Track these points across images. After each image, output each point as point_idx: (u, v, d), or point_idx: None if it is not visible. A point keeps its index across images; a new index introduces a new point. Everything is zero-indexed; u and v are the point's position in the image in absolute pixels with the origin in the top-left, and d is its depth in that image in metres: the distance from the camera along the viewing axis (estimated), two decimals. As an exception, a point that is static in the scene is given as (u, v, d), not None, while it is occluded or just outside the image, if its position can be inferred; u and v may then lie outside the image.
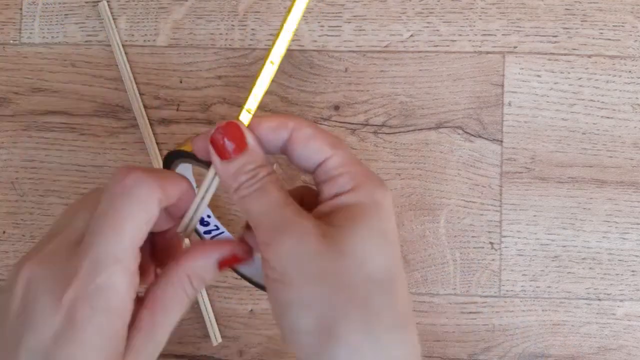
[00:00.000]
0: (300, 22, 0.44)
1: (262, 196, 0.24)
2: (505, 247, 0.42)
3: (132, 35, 0.44)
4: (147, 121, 0.43)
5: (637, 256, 0.42)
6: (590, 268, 0.42)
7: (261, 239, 0.23)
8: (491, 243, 0.42)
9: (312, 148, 0.25)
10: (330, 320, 0.22)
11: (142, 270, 0.25)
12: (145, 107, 0.43)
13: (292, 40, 0.34)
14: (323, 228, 0.23)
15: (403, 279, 0.24)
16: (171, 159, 0.28)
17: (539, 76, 0.43)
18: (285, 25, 0.26)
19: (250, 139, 0.25)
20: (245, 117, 0.26)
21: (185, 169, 0.29)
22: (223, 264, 0.26)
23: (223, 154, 0.25)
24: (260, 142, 0.25)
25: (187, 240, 0.42)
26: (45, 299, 0.22)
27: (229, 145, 0.24)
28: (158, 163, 0.43)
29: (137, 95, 0.43)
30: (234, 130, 0.25)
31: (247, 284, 0.43)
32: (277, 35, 0.26)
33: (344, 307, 0.22)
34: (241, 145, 0.25)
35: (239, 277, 0.32)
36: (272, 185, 0.24)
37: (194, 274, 0.25)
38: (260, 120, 0.25)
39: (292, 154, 0.25)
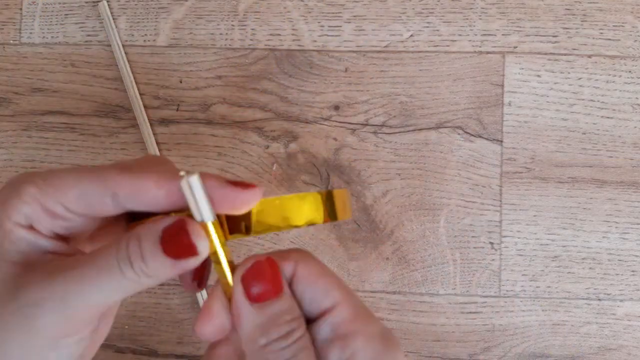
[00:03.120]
0: (300, 22, 0.44)
1: None
2: (505, 247, 0.42)
3: (132, 35, 0.44)
4: (147, 121, 0.43)
5: (637, 256, 0.42)
6: (590, 268, 0.42)
7: None
8: (491, 243, 0.42)
9: (321, 288, 0.21)
10: None
11: None
12: (145, 107, 0.43)
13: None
14: None
15: None
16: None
17: (539, 76, 0.43)
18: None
19: (284, 284, 0.21)
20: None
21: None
22: (166, 241, 0.21)
23: (267, 292, 0.21)
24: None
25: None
26: None
27: (263, 285, 0.21)
28: (158, 163, 0.43)
29: (137, 95, 0.43)
30: (269, 267, 0.21)
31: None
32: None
33: None
34: (277, 288, 0.21)
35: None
36: (309, 352, 0.21)
37: (134, 238, 0.21)
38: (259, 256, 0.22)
39: (301, 293, 0.22)
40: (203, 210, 0.21)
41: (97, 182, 0.22)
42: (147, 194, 0.22)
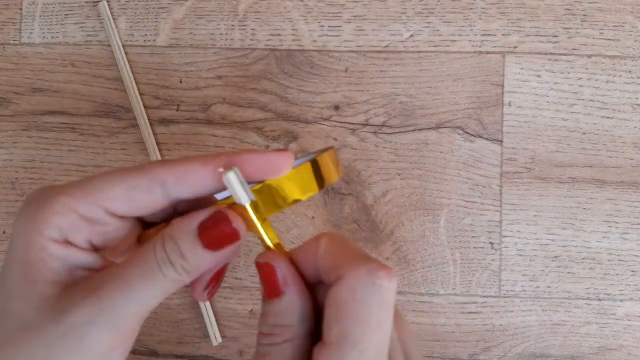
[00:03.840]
0: (300, 22, 0.44)
1: None
2: (505, 247, 0.42)
3: (132, 35, 0.44)
4: (147, 121, 0.43)
5: (637, 256, 0.42)
6: (590, 268, 0.42)
7: None
8: (491, 243, 0.42)
9: (329, 264, 0.22)
10: None
11: None
12: (145, 107, 0.43)
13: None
14: None
15: None
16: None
17: (539, 76, 0.43)
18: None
19: (290, 291, 0.22)
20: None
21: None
22: (205, 234, 0.22)
23: (266, 290, 0.22)
24: (308, 296, 0.22)
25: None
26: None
27: (272, 283, 0.22)
28: (158, 163, 0.43)
29: (137, 95, 0.43)
30: (267, 270, 0.22)
31: (247, 284, 0.42)
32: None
33: None
34: (274, 291, 0.22)
35: (239, 276, 0.32)
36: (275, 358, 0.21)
37: (169, 238, 0.22)
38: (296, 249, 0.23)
39: (319, 269, 0.22)
40: (242, 197, 0.22)
41: (143, 175, 0.23)
42: (195, 175, 0.23)
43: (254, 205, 0.22)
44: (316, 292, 0.23)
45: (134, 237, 0.25)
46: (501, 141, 0.43)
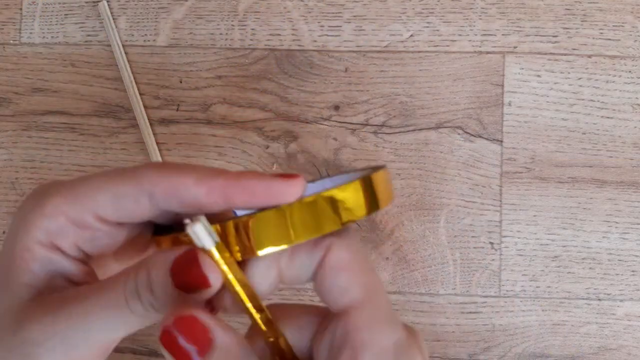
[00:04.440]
0: (300, 22, 0.44)
1: None
2: (505, 247, 0.42)
3: (132, 35, 0.44)
4: (147, 121, 0.43)
5: (637, 256, 0.42)
6: (590, 268, 0.42)
7: None
8: (491, 243, 0.42)
9: (342, 285, 0.19)
10: None
11: None
12: (145, 107, 0.43)
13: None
14: None
15: None
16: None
17: (539, 76, 0.43)
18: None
19: (219, 334, 0.18)
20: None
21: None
22: (175, 270, 0.19)
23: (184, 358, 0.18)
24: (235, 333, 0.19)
25: None
26: None
27: (188, 348, 0.18)
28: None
29: (137, 95, 0.43)
30: (189, 325, 0.18)
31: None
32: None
33: None
34: (204, 347, 0.18)
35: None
36: None
37: (143, 268, 0.20)
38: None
39: (320, 284, 0.20)
40: (206, 243, 0.19)
41: (131, 182, 0.21)
42: (187, 192, 0.20)
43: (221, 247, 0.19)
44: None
45: (137, 241, 0.24)
46: (501, 141, 0.43)
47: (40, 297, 0.21)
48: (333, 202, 0.19)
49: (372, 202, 0.20)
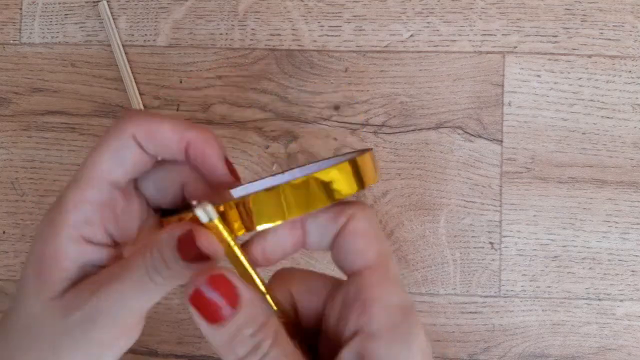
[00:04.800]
0: (300, 22, 0.44)
1: None
2: (505, 247, 0.42)
3: (132, 35, 0.44)
4: (147, 121, 0.43)
5: (637, 256, 0.42)
6: (590, 268, 0.42)
7: None
8: (491, 243, 0.42)
9: (360, 248, 0.22)
10: None
11: None
12: (145, 107, 0.43)
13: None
14: None
15: None
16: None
17: (539, 76, 0.43)
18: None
19: (243, 289, 0.20)
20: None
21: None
22: (181, 248, 0.21)
23: (211, 316, 0.20)
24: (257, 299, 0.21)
25: None
26: None
27: (219, 302, 0.20)
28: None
29: (137, 95, 0.43)
30: (219, 282, 0.20)
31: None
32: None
33: None
34: (233, 301, 0.20)
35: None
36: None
37: (156, 247, 0.22)
38: (318, 212, 0.22)
39: (339, 248, 0.22)
40: (210, 212, 0.21)
41: (118, 133, 0.24)
42: (163, 136, 0.24)
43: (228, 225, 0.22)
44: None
45: (148, 226, 0.26)
46: (501, 141, 0.43)
47: (78, 285, 0.23)
48: (322, 183, 0.22)
49: (358, 181, 0.22)
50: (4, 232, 0.44)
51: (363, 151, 0.25)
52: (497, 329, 0.42)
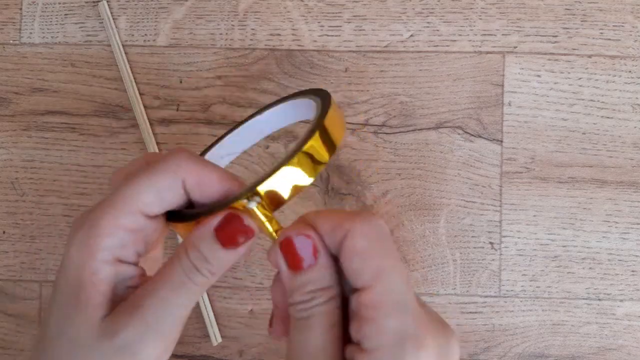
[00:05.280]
0: (300, 22, 0.44)
1: (304, 330, 0.22)
2: (505, 247, 0.42)
3: (132, 35, 0.44)
4: (147, 121, 0.43)
5: (637, 256, 0.42)
6: (590, 268, 0.42)
7: None
8: (491, 243, 0.42)
9: (355, 268, 0.22)
10: None
11: None
12: (145, 107, 0.43)
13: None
14: None
15: None
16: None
17: (539, 76, 0.43)
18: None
19: (323, 255, 0.23)
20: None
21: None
22: (221, 235, 0.24)
23: (294, 265, 0.23)
24: (331, 257, 0.23)
25: None
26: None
27: (303, 256, 0.23)
28: (158, 163, 0.43)
29: (137, 95, 0.43)
30: (307, 240, 0.23)
31: (248, 284, 0.43)
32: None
33: None
34: (310, 259, 0.23)
35: (239, 276, 0.32)
36: (320, 320, 0.22)
37: (191, 246, 0.24)
38: (318, 217, 0.24)
39: (341, 264, 0.23)
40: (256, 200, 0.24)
41: (169, 174, 0.24)
42: (211, 188, 0.25)
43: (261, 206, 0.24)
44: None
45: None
46: (501, 141, 0.43)
47: (118, 308, 0.24)
48: (309, 155, 0.24)
49: (331, 146, 0.25)
50: (4, 232, 0.44)
51: (322, 97, 0.27)
52: (497, 329, 0.42)
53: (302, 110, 0.32)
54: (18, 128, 0.44)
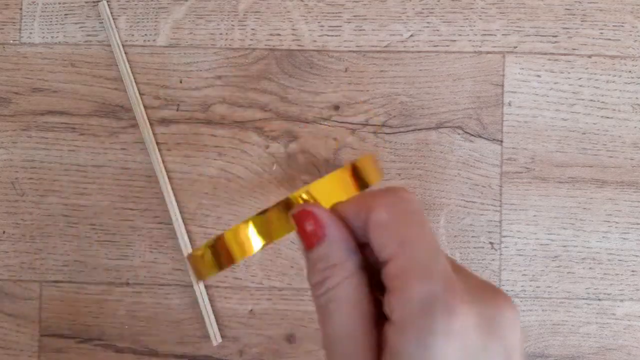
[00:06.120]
0: (300, 22, 0.44)
1: (324, 319, 0.21)
2: (505, 247, 0.42)
3: (132, 35, 0.44)
4: (147, 121, 0.43)
5: (637, 256, 0.42)
6: (590, 268, 0.42)
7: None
8: (491, 243, 0.42)
9: (379, 241, 0.21)
10: None
11: None
12: (145, 107, 0.43)
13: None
14: None
15: None
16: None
17: (539, 76, 0.43)
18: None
19: (332, 227, 0.22)
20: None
21: None
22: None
23: (304, 241, 0.22)
24: (349, 232, 0.22)
25: None
26: None
27: (311, 231, 0.22)
28: (158, 163, 0.43)
29: (137, 95, 0.43)
30: (315, 216, 0.22)
31: (248, 284, 0.43)
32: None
33: None
34: (317, 235, 0.22)
35: (239, 276, 0.32)
36: (339, 305, 0.21)
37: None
38: (342, 203, 0.23)
39: (368, 239, 0.22)
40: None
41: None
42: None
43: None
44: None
45: None
46: (501, 141, 0.43)
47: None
48: (355, 171, 0.24)
49: (362, 184, 0.24)
50: (4, 232, 0.44)
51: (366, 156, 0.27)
52: (497, 329, 0.42)
53: None
54: (18, 128, 0.44)
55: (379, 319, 0.21)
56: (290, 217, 0.22)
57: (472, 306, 0.20)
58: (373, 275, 0.22)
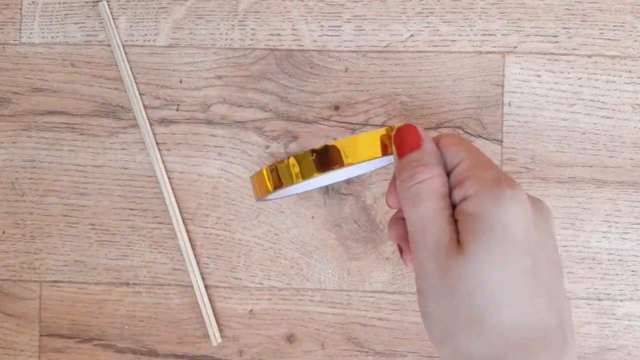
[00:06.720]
0: (300, 22, 0.44)
1: (414, 206, 0.26)
2: (505, 247, 0.42)
3: (132, 35, 0.44)
4: (147, 121, 0.43)
5: (637, 256, 0.42)
6: (590, 268, 0.42)
7: (410, 245, 0.26)
8: (491, 243, 0.42)
9: (450, 152, 0.27)
10: (451, 332, 0.25)
11: None
12: (145, 107, 0.43)
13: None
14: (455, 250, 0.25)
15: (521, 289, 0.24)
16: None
17: (539, 76, 0.43)
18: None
19: (427, 141, 0.27)
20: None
21: None
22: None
23: (402, 148, 0.27)
24: (439, 152, 0.27)
25: None
26: None
27: (409, 141, 0.27)
28: (158, 163, 0.43)
29: (137, 95, 0.43)
30: (407, 131, 0.27)
31: (247, 284, 0.43)
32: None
33: (464, 324, 0.24)
34: (412, 145, 0.27)
35: (239, 276, 0.32)
36: (426, 194, 0.25)
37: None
38: (443, 135, 0.28)
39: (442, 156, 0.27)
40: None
41: None
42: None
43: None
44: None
45: None
46: (501, 141, 0.43)
47: None
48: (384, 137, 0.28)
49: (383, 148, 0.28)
50: (4, 232, 0.44)
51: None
52: (497, 329, 0.42)
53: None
54: (18, 128, 0.44)
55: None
56: (394, 130, 0.27)
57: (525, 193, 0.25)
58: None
